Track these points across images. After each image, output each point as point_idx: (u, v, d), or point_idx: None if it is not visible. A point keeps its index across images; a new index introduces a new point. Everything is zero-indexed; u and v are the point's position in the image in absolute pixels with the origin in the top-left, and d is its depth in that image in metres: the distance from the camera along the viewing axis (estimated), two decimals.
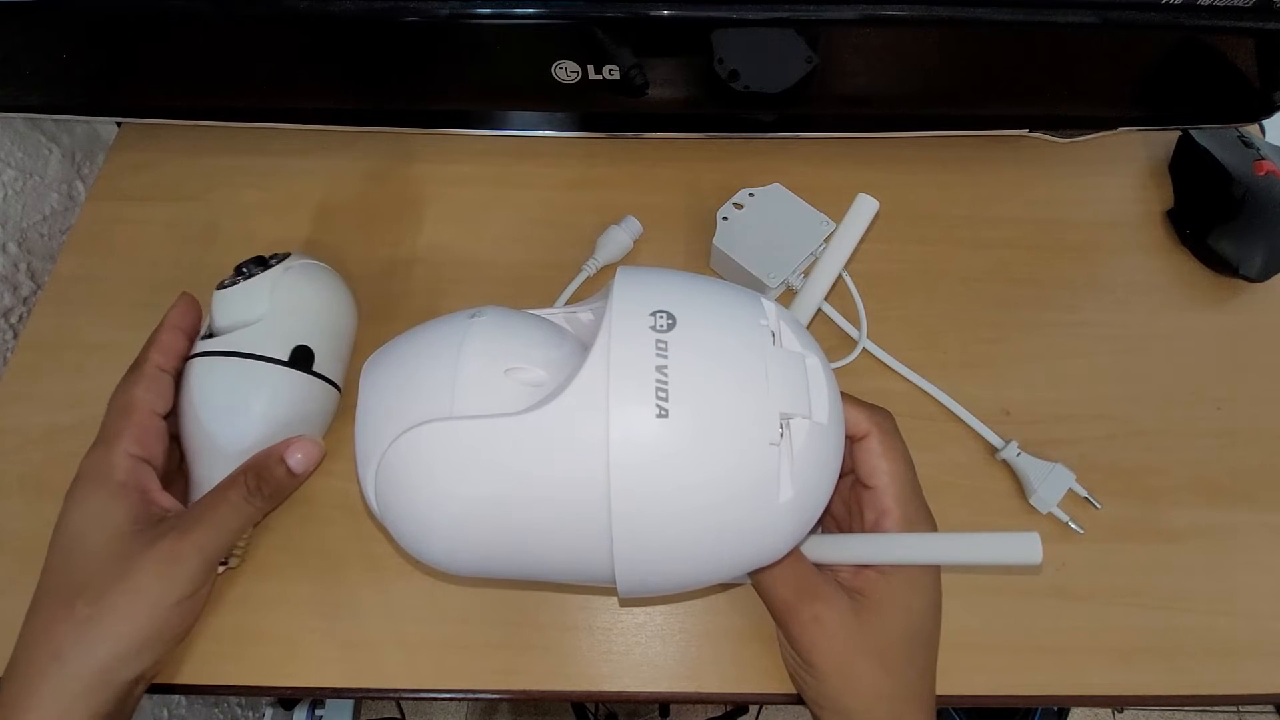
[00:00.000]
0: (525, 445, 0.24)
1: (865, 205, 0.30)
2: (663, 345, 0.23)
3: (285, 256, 0.35)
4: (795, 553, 0.29)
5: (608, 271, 0.42)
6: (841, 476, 0.27)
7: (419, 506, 0.25)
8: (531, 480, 0.24)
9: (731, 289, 0.27)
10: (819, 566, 0.29)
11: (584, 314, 0.30)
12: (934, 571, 0.29)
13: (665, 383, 0.23)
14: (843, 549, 0.29)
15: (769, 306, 0.26)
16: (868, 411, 0.29)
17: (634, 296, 0.25)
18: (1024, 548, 0.25)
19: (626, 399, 0.23)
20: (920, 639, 0.29)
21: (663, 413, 0.23)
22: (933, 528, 0.30)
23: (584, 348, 0.27)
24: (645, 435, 0.23)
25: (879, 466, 0.29)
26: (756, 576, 0.29)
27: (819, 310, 0.40)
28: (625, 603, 0.35)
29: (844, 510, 0.32)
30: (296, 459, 0.31)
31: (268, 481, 0.31)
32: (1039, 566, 0.27)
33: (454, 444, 0.24)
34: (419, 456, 0.24)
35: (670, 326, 0.24)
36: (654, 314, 0.24)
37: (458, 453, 0.24)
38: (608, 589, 0.34)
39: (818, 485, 0.25)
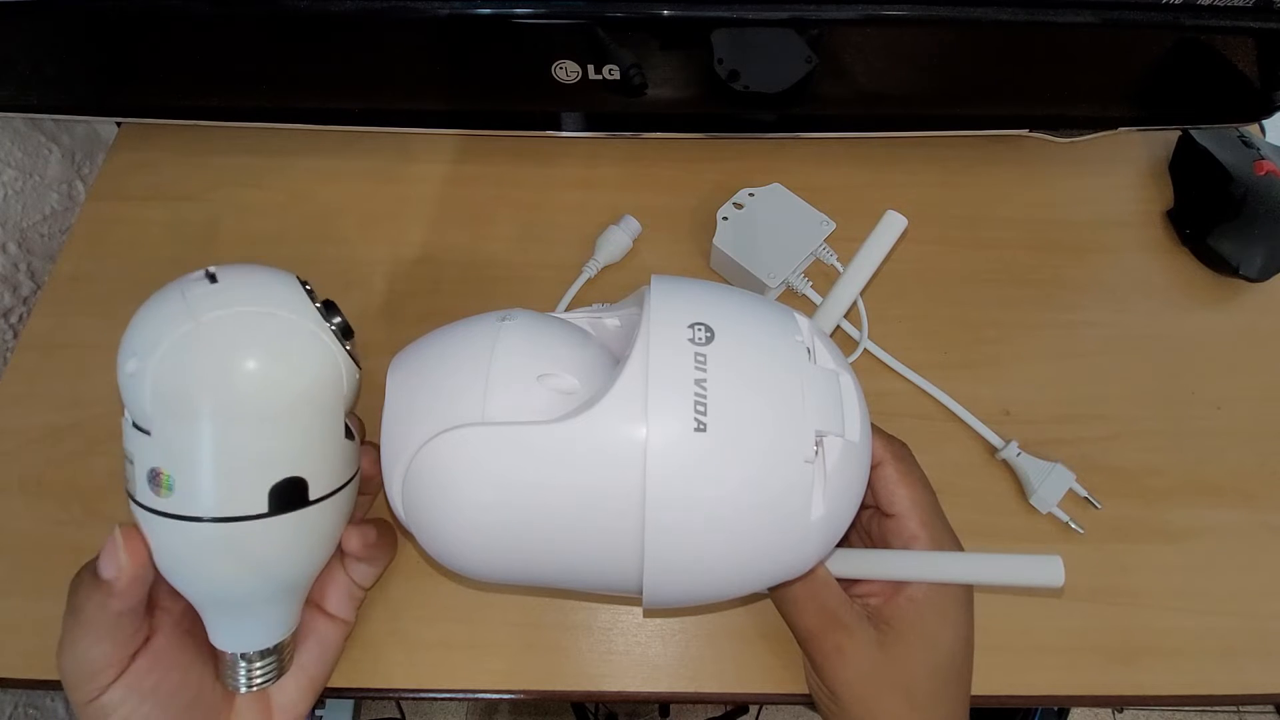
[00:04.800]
0: (561, 453, 0.23)
1: (893, 222, 0.29)
2: (701, 358, 0.23)
3: None
4: (820, 579, 0.28)
5: (608, 273, 0.42)
6: (860, 510, 0.27)
7: (449, 511, 0.24)
8: (565, 489, 0.23)
9: (765, 303, 0.27)
10: (839, 581, 0.29)
11: (610, 319, 0.29)
12: (966, 605, 0.28)
13: (704, 396, 0.23)
14: (862, 564, 0.29)
15: (803, 322, 0.26)
16: (883, 440, 0.29)
17: (671, 306, 0.25)
18: (1047, 570, 0.25)
19: (665, 411, 0.22)
20: (950, 675, 0.28)
21: (701, 426, 0.22)
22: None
23: (610, 354, 0.27)
24: (683, 448, 0.22)
25: (897, 493, 0.28)
26: (781, 604, 0.29)
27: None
28: (649, 614, 0.34)
29: (860, 545, 0.31)
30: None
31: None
32: (1060, 590, 0.27)
33: (488, 450, 0.24)
34: (451, 462, 0.24)
35: (708, 339, 0.24)
36: (692, 326, 0.24)
37: (492, 459, 0.24)
38: (630, 600, 0.34)
39: (846, 504, 0.25)
